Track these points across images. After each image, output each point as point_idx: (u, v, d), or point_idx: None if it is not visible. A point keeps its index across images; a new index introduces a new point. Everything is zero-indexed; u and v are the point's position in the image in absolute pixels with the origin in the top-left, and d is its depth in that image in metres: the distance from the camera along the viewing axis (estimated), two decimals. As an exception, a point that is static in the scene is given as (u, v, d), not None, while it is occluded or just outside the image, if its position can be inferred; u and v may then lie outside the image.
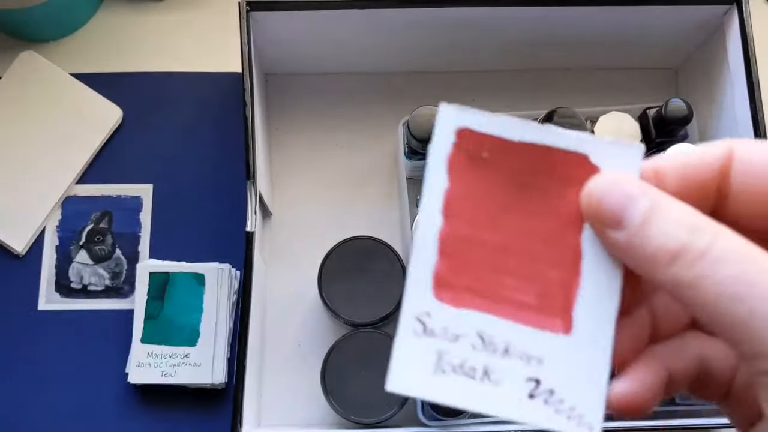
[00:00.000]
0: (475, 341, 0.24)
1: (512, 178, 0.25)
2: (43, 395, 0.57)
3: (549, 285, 0.25)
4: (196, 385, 0.56)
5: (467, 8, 0.55)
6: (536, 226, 0.25)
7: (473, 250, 0.25)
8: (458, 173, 0.25)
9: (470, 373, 0.24)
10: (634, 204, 0.23)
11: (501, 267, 0.25)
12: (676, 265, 0.22)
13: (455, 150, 0.25)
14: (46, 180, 0.61)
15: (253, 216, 0.53)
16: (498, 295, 0.24)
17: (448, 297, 0.24)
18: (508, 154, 0.25)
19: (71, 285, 0.60)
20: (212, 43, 0.66)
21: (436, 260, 0.25)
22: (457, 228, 0.25)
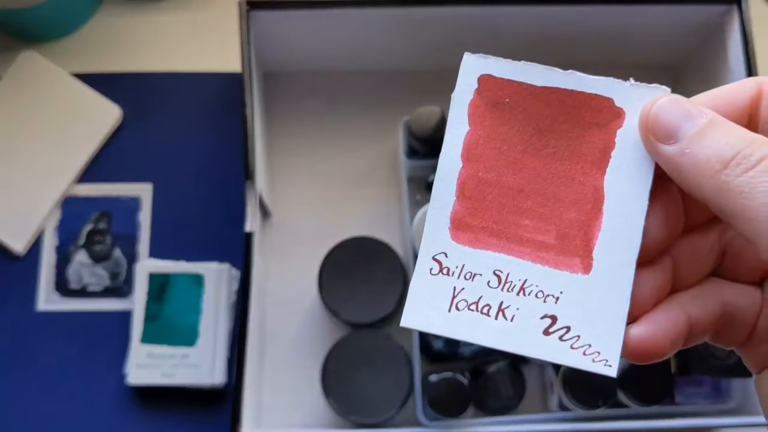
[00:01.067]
0: (492, 280, 0.25)
1: (534, 122, 0.25)
2: (42, 396, 0.57)
3: (569, 225, 0.25)
4: (196, 385, 0.56)
5: (467, 7, 0.55)
6: (557, 168, 0.25)
7: (492, 193, 0.25)
8: (479, 118, 0.25)
9: (485, 310, 0.24)
10: (692, 119, 0.23)
11: (520, 208, 0.25)
12: (727, 172, 0.22)
13: (477, 96, 0.26)
14: (46, 180, 0.61)
15: (253, 216, 0.53)
16: (516, 235, 0.25)
17: (465, 238, 0.25)
18: (530, 99, 0.25)
19: (70, 285, 0.60)
20: (212, 43, 0.66)
21: (454, 202, 0.25)
22: (476, 171, 0.25)
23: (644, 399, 0.51)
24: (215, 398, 0.57)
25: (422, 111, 0.55)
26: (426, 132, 0.55)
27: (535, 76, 0.26)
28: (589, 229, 0.24)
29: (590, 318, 0.24)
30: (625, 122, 0.25)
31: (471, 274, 0.25)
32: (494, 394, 0.53)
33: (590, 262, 0.24)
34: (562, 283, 0.24)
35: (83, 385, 0.57)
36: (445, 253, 0.25)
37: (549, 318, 0.24)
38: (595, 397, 0.51)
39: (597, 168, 0.25)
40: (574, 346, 0.24)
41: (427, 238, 0.25)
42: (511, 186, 0.25)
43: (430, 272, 0.25)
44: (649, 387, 0.51)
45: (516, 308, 0.24)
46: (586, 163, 0.25)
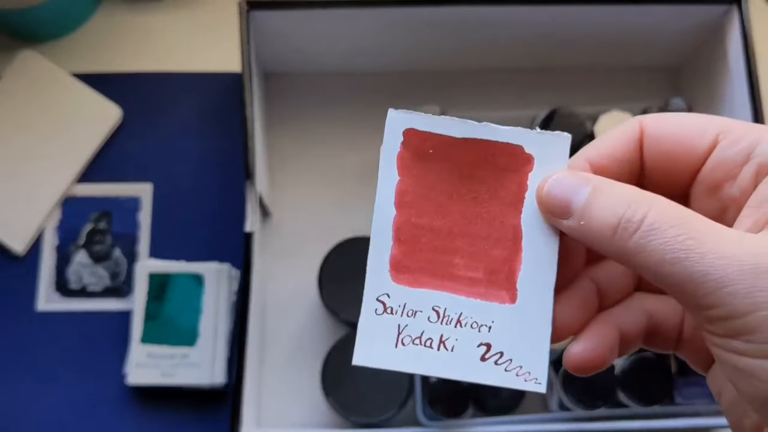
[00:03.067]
0: (431, 315, 0.27)
1: (457, 170, 0.28)
2: (42, 396, 0.57)
3: (495, 262, 0.27)
4: (196, 385, 0.56)
5: (468, 7, 0.55)
6: (480, 211, 0.28)
7: (425, 236, 0.28)
8: (407, 168, 0.28)
9: (428, 343, 0.27)
10: (578, 192, 0.26)
11: (450, 249, 0.27)
12: (618, 237, 0.24)
13: (403, 148, 0.28)
14: (46, 180, 0.61)
15: (253, 216, 0.53)
16: (449, 273, 0.27)
17: (405, 279, 0.27)
18: (451, 149, 0.28)
19: (70, 285, 0.60)
20: (212, 42, 0.65)
21: (391, 247, 0.28)
22: (408, 217, 0.28)
23: (644, 399, 0.51)
24: (215, 398, 0.57)
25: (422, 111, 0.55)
26: (426, 132, 0.55)
27: (454, 129, 0.28)
28: (512, 264, 0.27)
29: (519, 342, 0.27)
30: (534, 166, 0.28)
31: (412, 311, 0.27)
32: (494, 394, 0.53)
33: (515, 293, 0.27)
34: (493, 314, 0.27)
35: (83, 385, 0.57)
36: (388, 294, 0.27)
37: (484, 345, 0.27)
38: (595, 397, 0.51)
39: (514, 208, 0.28)
40: (508, 368, 0.27)
41: (370, 281, 0.28)
42: (441, 229, 0.28)
43: (375, 312, 0.27)
44: (649, 387, 0.51)
45: (455, 339, 0.27)
46: (504, 205, 0.28)
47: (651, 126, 0.27)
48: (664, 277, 0.23)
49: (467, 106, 0.61)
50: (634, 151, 0.27)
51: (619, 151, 0.27)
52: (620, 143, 0.27)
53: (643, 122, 0.27)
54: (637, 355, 0.52)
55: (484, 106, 0.64)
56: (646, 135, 0.27)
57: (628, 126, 0.28)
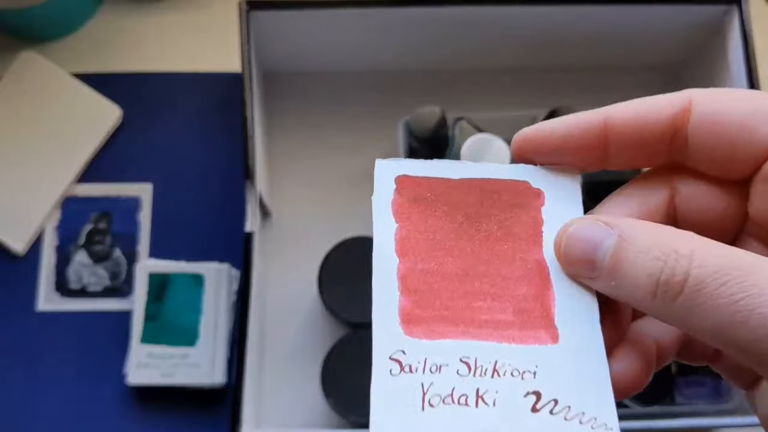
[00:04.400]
0: (460, 368, 0.23)
1: (460, 211, 0.25)
2: (42, 396, 0.57)
3: (523, 300, 0.24)
4: (196, 385, 0.56)
5: (467, 7, 0.55)
6: (495, 249, 0.25)
7: (435, 281, 0.24)
8: (404, 214, 0.25)
9: (463, 400, 0.23)
10: (600, 246, 0.22)
11: (469, 291, 0.24)
12: (658, 302, 0.21)
13: (397, 195, 0.26)
14: (46, 180, 0.61)
15: (253, 216, 0.53)
16: (472, 318, 0.24)
17: (420, 331, 0.23)
18: (450, 191, 0.26)
19: (70, 285, 0.60)
20: (212, 42, 0.66)
21: (398, 298, 0.24)
22: (414, 263, 0.25)
23: (644, 399, 0.51)
24: (215, 398, 0.57)
25: (422, 111, 0.55)
26: (426, 132, 0.55)
27: (450, 171, 0.26)
28: (544, 300, 0.24)
29: (574, 385, 0.23)
30: (545, 200, 0.26)
31: (436, 366, 0.23)
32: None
33: (555, 331, 0.24)
34: (535, 357, 0.23)
35: (83, 385, 0.57)
36: (403, 351, 0.23)
37: (533, 394, 0.23)
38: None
39: (533, 243, 0.25)
40: (568, 417, 0.23)
41: (378, 339, 0.24)
42: (455, 272, 0.24)
43: (390, 373, 0.23)
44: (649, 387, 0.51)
45: (495, 391, 0.23)
46: (521, 241, 0.25)
47: (702, 102, 0.23)
48: (723, 342, 0.20)
49: (467, 106, 0.61)
50: (664, 127, 0.24)
51: (647, 122, 0.24)
52: (651, 115, 0.24)
53: (693, 96, 0.24)
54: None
55: (483, 106, 0.64)
56: (694, 112, 0.23)
57: (672, 97, 0.24)
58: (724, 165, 0.23)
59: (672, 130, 0.24)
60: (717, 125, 0.23)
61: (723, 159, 0.23)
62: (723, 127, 0.23)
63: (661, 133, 0.24)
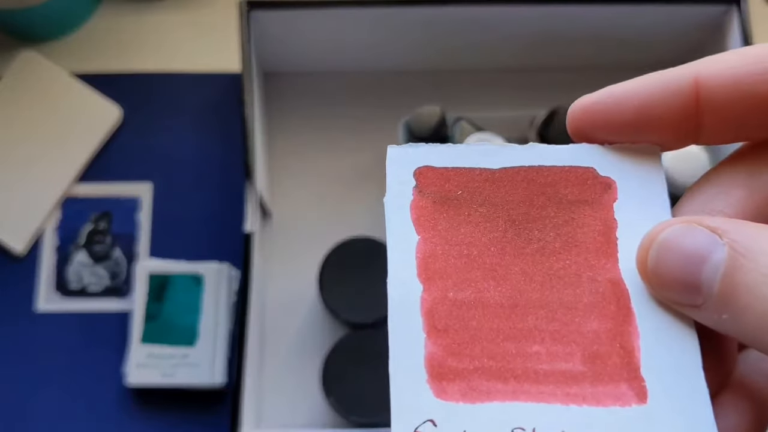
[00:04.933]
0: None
1: (503, 213, 0.19)
2: (42, 396, 0.57)
3: (595, 340, 0.18)
4: (196, 385, 0.56)
5: (468, 7, 0.55)
6: (553, 266, 0.19)
7: (474, 317, 0.18)
8: (428, 221, 0.19)
9: None
10: (706, 262, 0.16)
11: (520, 331, 0.18)
12: None
13: (417, 194, 0.19)
14: (46, 180, 0.61)
15: (253, 216, 0.53)
16: (527, 370, 0.17)
17: (456, 390, 0.17)
18: (488, 186, 0.19)
19: (70, 285, 0.60)
20: (212, 42, 0.66)
21: (424, 341, 0.18)
22: (444, 292, 0.18)
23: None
24: (215, 398, 0.57)
25: (422, 111, 0.55)
26: (426, 132, 0.55)
27: (487, 158, 0.20)
28: (625, 339, 0.18)
29: None
30: (618, 193, 0.19)
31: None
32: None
33: (642, 385, 0.17)
34: (616, 425, 0.17)
35: (83, 386, 0.57)
36: (433, 421, 0.17)
37: None
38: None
39: (605, 256, 0.19)
40: None
41: (399, 404, 0.17)
42: (500, 302, 0.18)
43: None
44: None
45: None
46: (589, 253, 0.19)
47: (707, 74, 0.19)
48: None
49: (467, 106, 0.61)
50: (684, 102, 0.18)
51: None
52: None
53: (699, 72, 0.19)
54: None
55: (483, 106, 0.64)
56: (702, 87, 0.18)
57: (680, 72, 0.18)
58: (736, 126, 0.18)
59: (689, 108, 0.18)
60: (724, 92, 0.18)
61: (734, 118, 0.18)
62: None
63: None
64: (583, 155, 0.20)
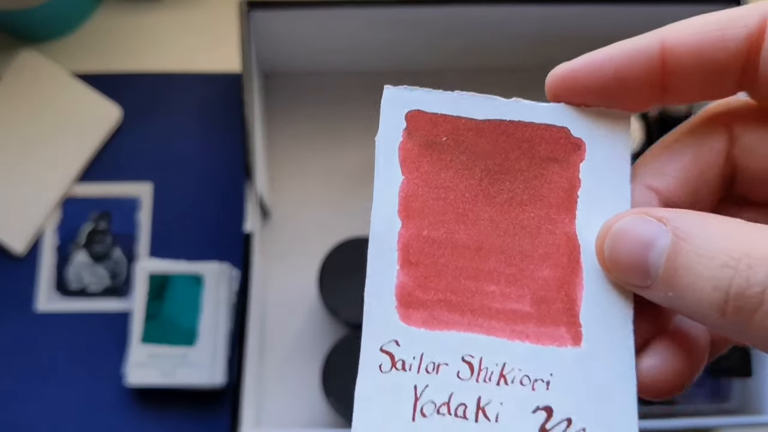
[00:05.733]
0: (462, 369, 0.19)
1: (481, 162, 0.21)
2: (42, 396, 0.57)
3: (545, 286, 0.20)
4: (196, 385, 0.56)
5: (468, 7, 0.55)
6: (518, 216, 0.21)
7: (444, 255, 0.20)
8: (414, 164, 0.21)
9: (461, 411, 0.19)
10: (653, 248, 0.18)
11: (481, 271, 0.20)
12: (730, 319, 0.17)
13: (406, 136, 0.21)
14: (46, 180, 0.61)
15: (253, 216, 0.53)
16: (482, 306, 0.20)
17: (419, 317, 0.20)
18: (472, 135, 0.21)
19: (70, 285, 0.60)
20: (212, 42, 0.66)
21: (397, 272, 0.20)
22: (420, 229, 0.20)
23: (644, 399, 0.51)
24: (215, 398, 0.57)
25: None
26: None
27: (474, 108, 0.22)
28: (570, 288, 0.20)
29: (593, 402, 0.19)
30: (586, 154, 0.21)
31: (434, 365, 0.19)
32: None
33: (579, 330, 0.20)
34: (551, 362, 0.19)
35: (83, 386, 0.57)
36: (397, 341, 0.20)
37: (543, 410, 0.19)
38: None
39: (565, 211, 0.20)
40: None
41: (370, 324, 0.20)
42: (467, 244, 0.20)
43: (380, 369, 0.19)
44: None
45: (500, 403, 0.19)
46: (551, 207, 0.21)
47: None
48: None
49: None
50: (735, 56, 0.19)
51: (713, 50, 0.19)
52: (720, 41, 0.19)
53: None
54: (637, 355, 0.52)
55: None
56: None
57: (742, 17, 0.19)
58: None
59: (745, 55, 0.19)
60: None
61: None
62: None
63: (733, 58, 0.19)
64: (560, 115, 0.22)
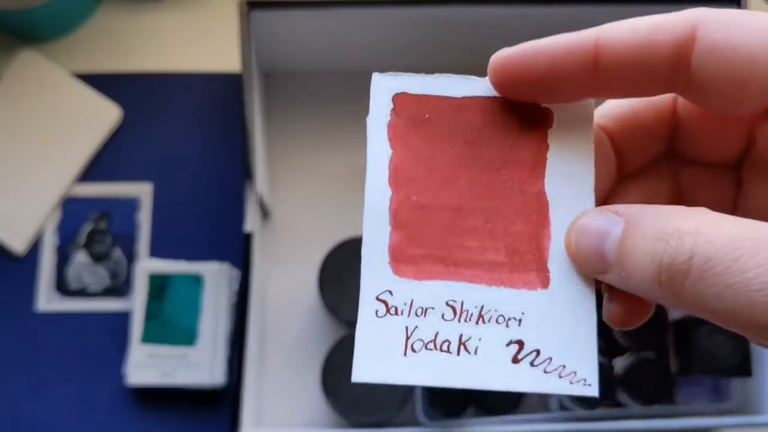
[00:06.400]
0: (446, 311, 0.23)
1: (461, 135, 0.24)
2: (42, 396, 0.57)
3: (517, 239, 0.23)
4: (196, 385, 0.56)
5: (468, 7, 0.55)
6: (493, 180, 0.23)
7: (428, 217, 0.23)
8: (401, 139, 0.24)
9: (445, 346, 0.22)
10: (608, 236, 0.21)
11: (462, 228, 0.23)
12: (665, 288, 0.19)
13: (394, 116, 0.25)
14: (46, 180, 0.61)
15: (253, 216, 0.53)
16: (463, 258, 0.23)
17: (409, 270, 0.23)
18: (451, 112, 0.24)
19: (70, 285, 0.60)
20: (212, 42, 0.66)
21: (389, 234, 0.23)
22: (407, 196, 0.24)
23: (644, 399, 0.51)
24: (215, 398, 0.57)
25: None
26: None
27: (452, 87, 0.24)
28: (540, 240, 0.23)
29: (558, 336, 0.22)
30: (554, 122, 0.24)
31: (422, 309, 0.23)
32: (494, 394, 0.53)
33: (547, 275, 0.23)
34: (522, 303, 0.23)
35: (83, 385, 0.57)
36: (390, 291, 0.23)
37: (515, 344, 0.22)
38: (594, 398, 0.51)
39: (534, 173, 0.23)
40: (548, 369, 0.22)
41: (367, 278, 0.23)
42: (448, 206, 0.23)
43: (377, 315, 0.23)
44: (649, 387, 0.51)
45: (478, 339, 0.22)
46: (523, 170, 0.23)
47: (709, 29, 0.20)
48: (743, 327, 0.18)
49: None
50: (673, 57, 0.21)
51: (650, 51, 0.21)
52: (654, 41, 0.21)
53: (698, 21, 0.20)
54: (637, 355, 0.52)
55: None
56: (700, 41, 0.20)
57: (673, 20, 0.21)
58: (730, 100, 0.21)
59: (675, 59, 0.21)
60: (725, 58, 0.20)
61: (730, 94, 0.21)
62: (731, 62, 0.20)
63: (662, 61, 0.21)
64: None
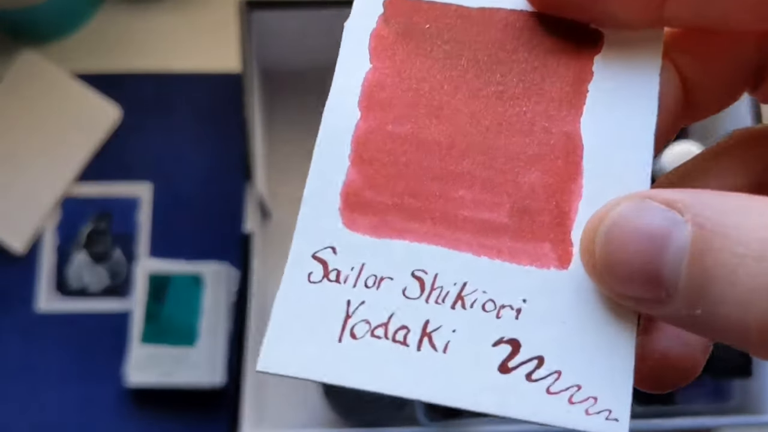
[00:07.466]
0: (410, 285, 0.15)
1: (469, 52, 0.17)
2: (42, 396, 0.57)
3: (530, 194, 0.16)
4: (196, 385, 0.56)
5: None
6: (506, 112, 0.17)
7: (407, 152, 0.16)
8: (385, 51, 0.18)
9: (400, 336, 0.15)
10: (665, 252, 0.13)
11: (451, 173, 0.16)
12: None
13: (382, 23, 0.18)
14: (46, 180, 0.61)
15: (253, 216, 0.53)
16: (447, 214, 0.16)
17: (366, 222, 0.16)
18: (461, 24, 0.17)
19: (71, 285, 0.60)
20: (212, 42, 0.65)
21: (347, 169, 0.17)
22: (382, 123, 0.17)
23: (644, 399, 0.51)
24: (215, 398, 0.57)
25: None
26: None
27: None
28: (564, 198, 0.16)
29: (575, 340, 0.14)
30: (604, 48, 0.17)
31: (376, 278, 0.16)
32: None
33: (568, 249, 0.15)
34: (526, 285, 0.15)
35: (83, 386, 0.57)
36: (334, 248, 0.16)
37: (507, 344, 0.15)
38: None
39: (568, 107, 0.16)
40: (553, 389, 0.14)
41: (303, 228, 0.17)
42: (437, 141, 0.16)
43: (309, 279, 0.16)
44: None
45: (451, 330, 0.15)
46: (551, 102, 0.16)
47: None
48: None
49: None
50: None
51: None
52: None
53: None
54: (637, 355, 0.52)
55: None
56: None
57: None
58: None
59: None
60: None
61: None
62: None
63: None
64: None
